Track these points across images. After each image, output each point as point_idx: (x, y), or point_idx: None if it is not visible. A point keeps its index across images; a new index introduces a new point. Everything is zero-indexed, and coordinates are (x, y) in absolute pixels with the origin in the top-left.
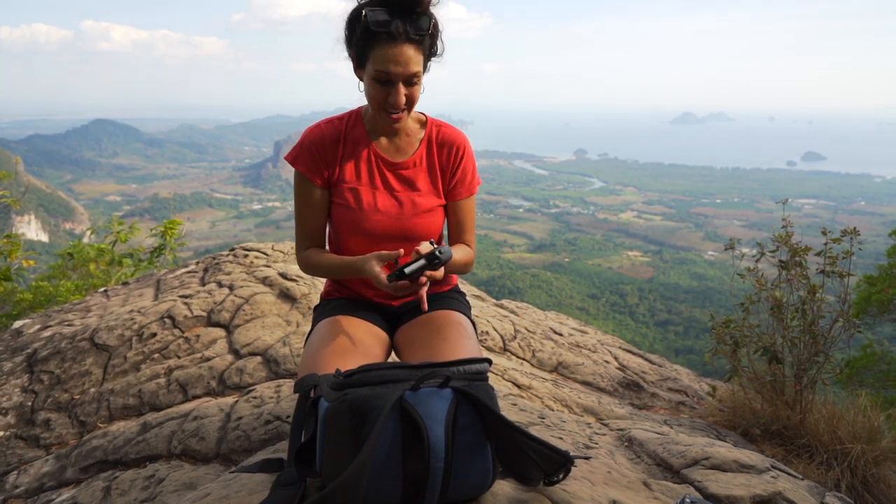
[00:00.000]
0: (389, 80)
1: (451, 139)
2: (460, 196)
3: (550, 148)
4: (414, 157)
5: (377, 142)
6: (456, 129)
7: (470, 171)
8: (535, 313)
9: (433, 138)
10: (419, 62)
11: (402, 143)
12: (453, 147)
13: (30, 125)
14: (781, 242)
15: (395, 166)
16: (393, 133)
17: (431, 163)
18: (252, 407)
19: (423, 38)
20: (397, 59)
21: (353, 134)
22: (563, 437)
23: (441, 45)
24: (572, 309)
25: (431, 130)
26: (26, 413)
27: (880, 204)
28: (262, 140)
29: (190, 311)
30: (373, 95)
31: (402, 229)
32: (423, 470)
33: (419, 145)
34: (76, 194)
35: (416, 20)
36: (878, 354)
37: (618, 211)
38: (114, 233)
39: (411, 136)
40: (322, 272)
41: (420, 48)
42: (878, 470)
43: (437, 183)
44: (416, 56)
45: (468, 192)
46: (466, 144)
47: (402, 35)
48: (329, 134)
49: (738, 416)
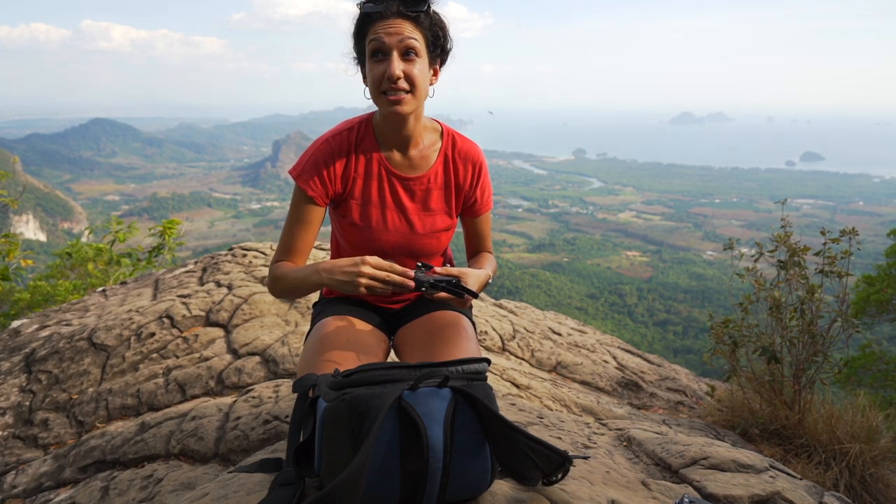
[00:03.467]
0: (384, 51)
1: (468, 155)
2: (479, 213)
3: (549, 148)
4: (429, 173)
5: (389, 155)
6: (471, 142)
7: (488, 187)
8: (533, 313)
9: (450, 153)
10: (417, 38)
11: (416, 156)
12: (470, 164)
13: (28, 124)
14: (780, 242)
15: (408, 182)
16: (405, 142)
17: (448, 181)
18: (250, 407)
19: (419, 16)
20: (388, 28)
21: (363, 146)
22: (561, 437)
23: (451, 43)
24: (571, 309)
25: (448, 143)
26: (24, 413)
27: (879, 204)
28: (261, 140)
29: (188, 311)
30: (371, 78)
31: (411, 248)
32: (422, 470)
33: (435, 160)
34: (74, 194)
35: (410, 1)
36: (877, 354)
37: (617, 211)
38: (112, 232)
39: (426, 149)
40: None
41: (417, 27)
42: (876, 470)
43: (451, 201)
44: (412, 31)
45: (486, 207)
46: (483, 160)
47: (395, 12)
48: (338, 150)
49: (737, 416)
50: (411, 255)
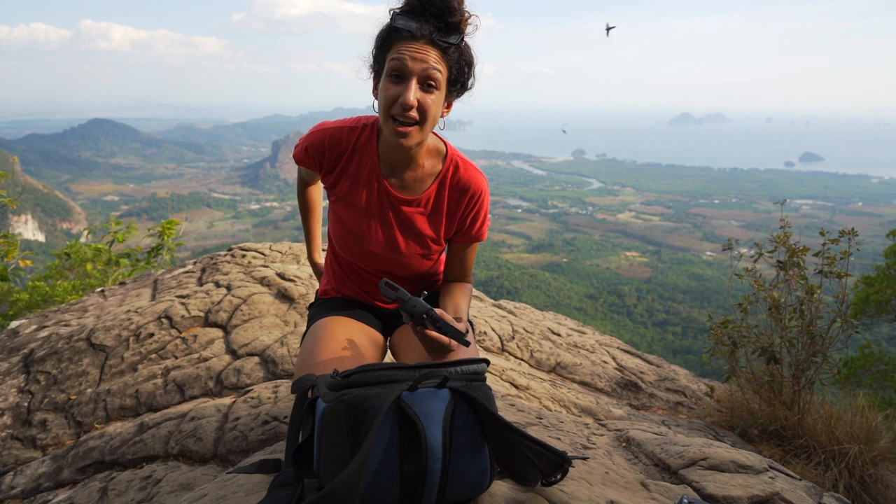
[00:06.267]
0: (404, 74)
1: (466, 185)
2: (468, 242)
3: (548, 148)
4: (420, 197)
5: (384, 168)
6: (476, 170)
7: (481, 219)
8: (533, 313)
9: (448, 179)
10: (440, 68)
11: (413, 178)
12: (467, 195)
13: (28, 125)
14: (779, 243)
15: (400, 202)
16: (404, 162)
17: (439, 207)
18: (249, 407)
19: (449, 48)
20: (415, 52)
21: (361, 150)
22: (560, 438)
23: (473, 81)
24: (570, 309)
25: (449, 169)
26: (23, 414)
27: (878, 204)
28: (260, 140)
29: (187, 312)
30: (384, 96)
31: (392, 264)
32: (421, 470)
33: (430, 185)
34: (73, 194)
35: (445, 30)
36: (876, 355)
37: (616, 211)
38: (111, 233)
39: (425, 172)
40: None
41: (444, 58)
42: (875, 470)
43: (440, 229)
44: (437, 60)
45: (479, 238)
46: (483, 191)
47: (426, 37)
48: (336, 141)
49: (736, 417)
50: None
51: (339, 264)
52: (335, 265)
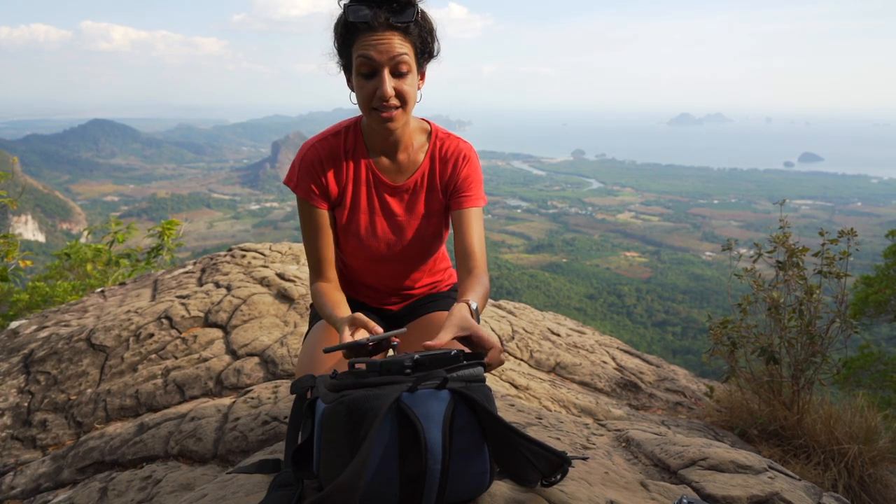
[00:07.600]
0: (373, 69)
1: (454, 151)
2: (463, 205)
3: (548, 148)
4: (415, 176)
5: (377, 161)
6: (460, 139)
7: (473, 179)
8: (532, 314)
9: (436, 154)
10: (407, 51)
11: (404, 161)
12: (454, 159)
13: (28, 125)
14: (779, 243)
15: (396, 189)
16: (393, 147)
17: (433, 183)
18: (249, 408)
19: (408, 26)
20: (378, 44)
21: (351, 151)
22: (560, 438)
23: (437, 45)
24: (570, 309)
25: (435, 143)
26: (23, 414)
27: (877, 205)
28: (260, 140)
29: (187, 312)
30: (361, 94)
31: (401, 254)
32: (420, 472)
33: (422, 161)
34: (73, 194)
35: (399, 10)
36: (875, 355)
37: (615, 211)
38: (111, 233)
39: (414, 152)
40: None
41: (406, 38)
42: (875, 470)
43: (437, 203)
44: (401, 44)
45: (472, 202)
46: (470, 153)
47: (383, 24)
48: (326, 155)
49: (736, 417)
50: (402, 261)
51: (344, 267)
52: (340, 267)
